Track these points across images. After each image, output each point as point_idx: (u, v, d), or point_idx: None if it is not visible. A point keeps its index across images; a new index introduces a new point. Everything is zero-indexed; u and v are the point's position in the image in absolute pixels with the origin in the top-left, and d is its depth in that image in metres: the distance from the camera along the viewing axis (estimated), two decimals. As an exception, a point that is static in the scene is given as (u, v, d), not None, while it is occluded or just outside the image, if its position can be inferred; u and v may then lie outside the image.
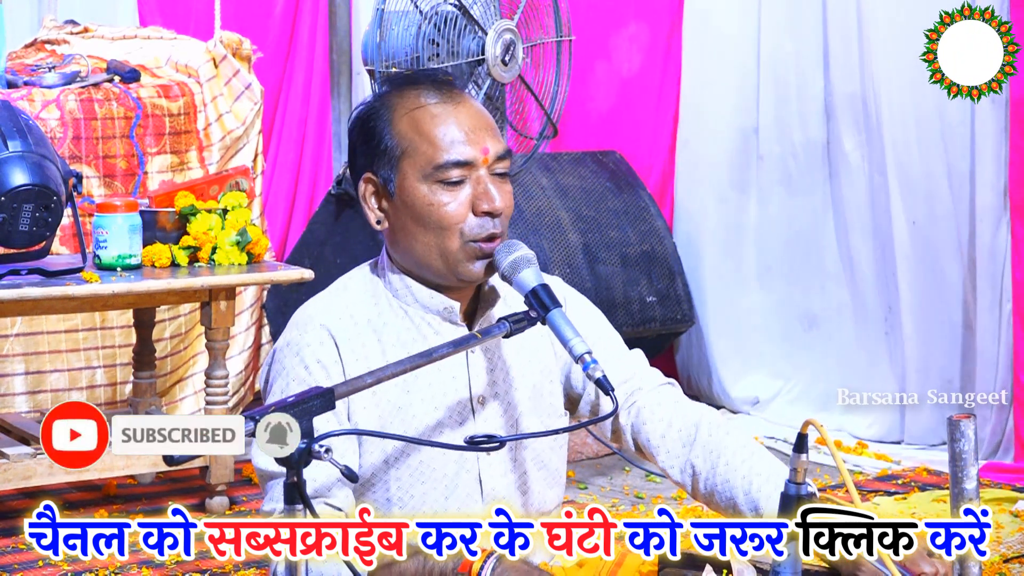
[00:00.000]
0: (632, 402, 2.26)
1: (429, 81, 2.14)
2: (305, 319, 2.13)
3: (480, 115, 2.12)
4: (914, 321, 4.68)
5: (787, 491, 1.74)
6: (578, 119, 5.48)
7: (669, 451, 2.22)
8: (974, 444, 1.63)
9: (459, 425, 2.13)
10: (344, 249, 4.74)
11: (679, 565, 2.03)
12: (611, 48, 5.44)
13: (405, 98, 2.11)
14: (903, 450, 4.66)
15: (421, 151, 2.08)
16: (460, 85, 2.20)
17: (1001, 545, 3.62)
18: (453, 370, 2.13)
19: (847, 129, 4.82)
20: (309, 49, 5.88)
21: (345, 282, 2.21)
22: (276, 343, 2.17)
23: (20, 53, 5.04)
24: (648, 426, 2.23)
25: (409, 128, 2.09)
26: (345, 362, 2.09)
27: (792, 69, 4.96)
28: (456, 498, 2.13)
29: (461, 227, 2.08)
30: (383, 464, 2.10)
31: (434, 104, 2.10)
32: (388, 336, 2.12)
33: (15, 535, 3.80)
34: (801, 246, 5.05)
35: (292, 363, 2.10)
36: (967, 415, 1.64)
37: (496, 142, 2.10)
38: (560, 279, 2.30)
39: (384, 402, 2.09)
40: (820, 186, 4.96)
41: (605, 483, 4.43)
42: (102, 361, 4.56)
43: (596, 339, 2.21)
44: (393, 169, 2.10)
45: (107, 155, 4.54)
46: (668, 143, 5.36)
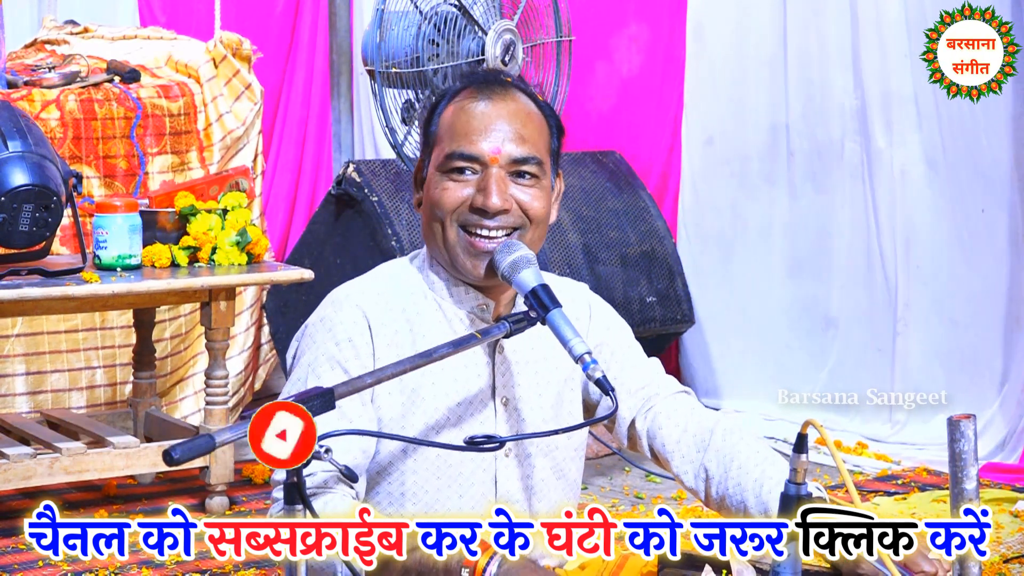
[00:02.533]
0: (649, 407, 2.27)
1: (485, 76, 2.19)
2: (342, 297, 2.15)
3: (513, 115, 2.12)
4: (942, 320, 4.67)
5: (787, 491, 1.74)
6: (579, 119, 5.48)
7: (683, 456, 2.23)
8: (974, 444, 1.63)
9: (480, 424, 2.13)
10: (344, 249, 4.74)
11: (679, 565, 2.03)
12: (612, 48, 5.44)
13: (463, 91, 2.15)
14: (903, 450, 4.66)
15: (444, 140, 2.11)
16: (519, 84, 2.20)
17: (1001, 545, 3.62)
18: (478, 368, 2.14)
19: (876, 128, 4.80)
20: (309, 49, 5.89)
21: (384, 269, 2.23)
22: (308, 319, 2.17)
23: (20, 53, 5.04)
24: (664, 431, 2.24)
25: (447, 118, 2.13)
26: (376, 345, 2.10)
27: (813, 68, 4.95)
28: (471, 497, 2.14)
29: (455, 214, 2.09)
30: (402, 453, 2.11)
31: (475, 100, 2.12)
32: (421, 327, 2.13)
33: (15, 535, 3.80)
34: (809, 245, 5.04)
35: (323, 338, 2.10)
36: (967, 415, 1.64)
37: (517, 145, 2.10)
38: (586, 286, 2.32)
39: (408, 390, 2.10)
40: (831, 185, 4.95)
41: (605, 483, 4.43)
42: (102, 361, 4.56)
43: (619, 346, 2.25)
44: (428, 154, 2.15)
45: (107, 155, 4.54)
46: (669, 143, 5.36)
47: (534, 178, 2.12)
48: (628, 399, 2.25)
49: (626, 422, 2.27)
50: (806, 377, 5.04)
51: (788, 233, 5.09)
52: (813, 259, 5.03)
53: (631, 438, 2.29)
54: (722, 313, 5.25)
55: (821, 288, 5.01)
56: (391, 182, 4.73)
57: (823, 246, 4.98)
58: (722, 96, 5.20)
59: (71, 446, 3.85)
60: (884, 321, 4.83)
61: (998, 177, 4.51)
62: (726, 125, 5.20)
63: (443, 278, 2.16)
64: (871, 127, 4.77)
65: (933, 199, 4.67)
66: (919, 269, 4.69)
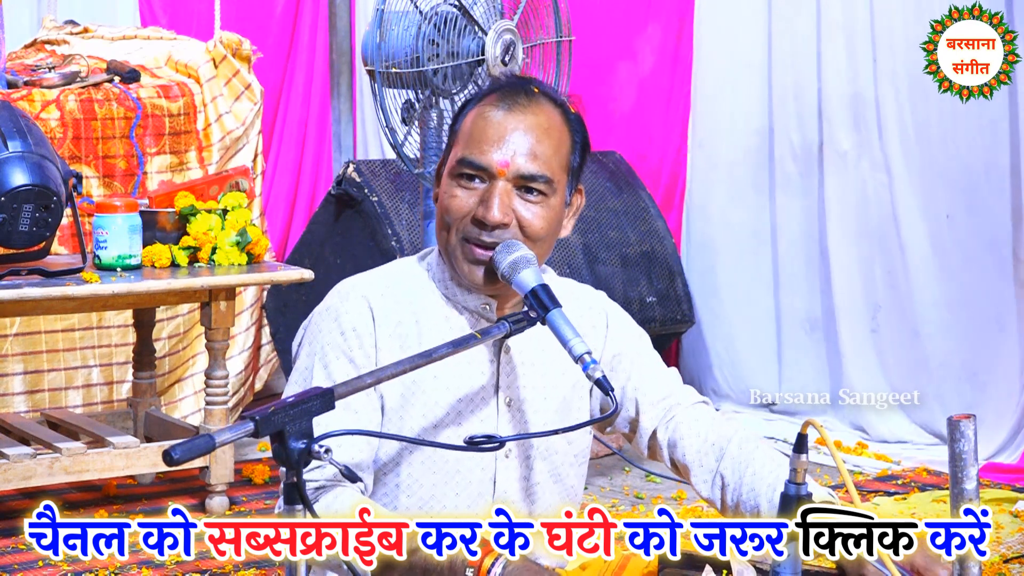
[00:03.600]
0: (671, 417, 2.25)
1: (514, 84, 2.16)
2: (348, 288, 2.16)
3: (532, 130, 2.09)
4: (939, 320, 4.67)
5: (787, 491, 1.74)
6: (587, 120, 5.48)
7: (702, 465, 2.22)
8: (974, 444, 1.63)
9: (480, 422, 2.13)
10: (344, 249, 4.74)
11: (679, 565, 2.03)
12: (622, 49, 5.44)
13: (490, 95, 2.13)
14: (903, 450, 4.66)
15: (460, 144, 2.11)
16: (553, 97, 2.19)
17: (1001, 545, 3.62)
18: (481, 366, 2.14)
19: (846, 129, 4.82)
20: (309, 49, 5.89)
21: (392, 266, 2.24)
22: (314, 309, 2.19)
23: (20, 53, 5.04)
24: (685, 441, 2.23)
25: (468, 122, 2.12)
26: (379, 337, 2.10)
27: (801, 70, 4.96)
28: (468, 495, 2.13)
29: (459, 223, 2.09)
30: (400, 448, 2.11)
31: (495, 106, 2.10)
32: (427, 321, 2.14)
33: (15, 535, 3.80)
34: (810, 248, 5.05)
35: (328, 327, 2.12)
36: (967, 415, 1.64)
37: (529, 161, 2.08)
38: (604, 294, 2.30)
39: (409, 380, 2.10)
40: (826, 187, 4.95)
41: (605, 483, 4.44)
42: (98, 360, 4.56)
43: (638, 356, 2.24)
44: (447, 155, 2.14)
45: (107, 155, 4.54)
46: (678, 144, 5.36)
47: (542, 195, 2.09)
48: (651, 410, 2.23)
49: (647, 432, 2.26)
50: (807, 377, 5.04)
51: (789, 233, 5.09)
52: (813, 258, 5.03)
53: (652, 448, 2.27)
54: (728, 313, 5.25)
55: (820, 287, 5.01)
56: (391, 182, 4.73)
57: (823, 246, 4.98)
58: (722, 96, 5.20)
59: (71, 446, 3.85)
60: (871, 320, 4.83)
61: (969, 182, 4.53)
62: (727, 125, 5.20)
63: (449, 277, 2.16)
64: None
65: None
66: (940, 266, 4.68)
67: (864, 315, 4.85)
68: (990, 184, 4.49)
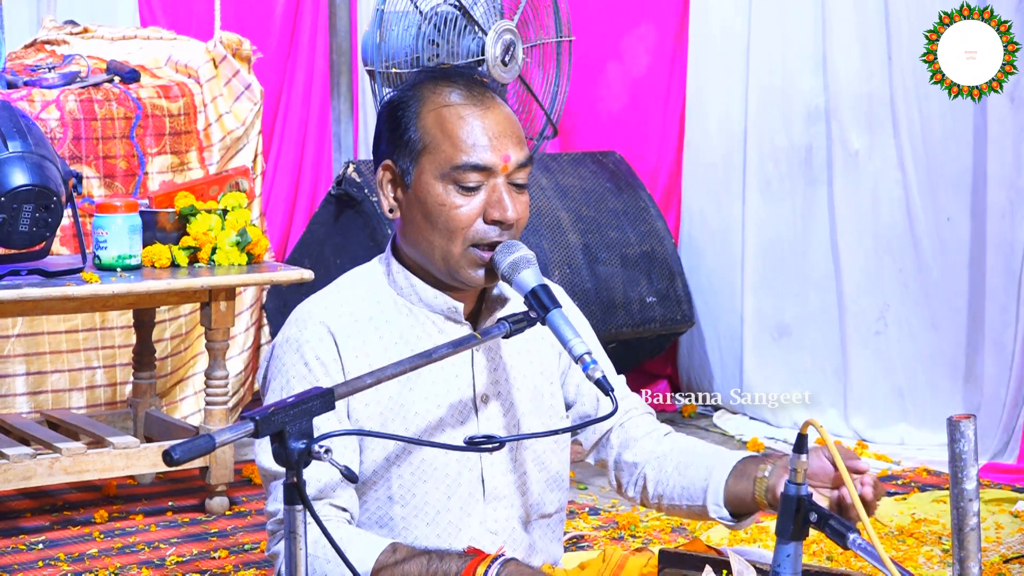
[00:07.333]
0: (625, 420, 2.30)
1: (464, 80, 2.13)
2: (304, 316, 2.13)
3: (507, 121, 2.10)
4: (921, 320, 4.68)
5: (787, 491, 1.74)
6: (584, 120, 5.48)
7: (656, 468, 2.26)
8: (974, 444, 1.63)
9: (461, 424, 2.13)
10: (344, 249, 4.74)
11: (679, 565, 2.04)
12: (617, 49, 5.44)
13: (437, 93, 2.10)
14: (904, 450, 4.66)
15: (442, 149, 2.07)
16: (494, 88, 2.18)
17: (1001, 545, 3.62)
18: (457, 368, 2.13)
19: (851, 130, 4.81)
20: (309, 49, 5.89)
21: (346, 280, 2.21)
22: (275, 339, 2.17)
23: (20, 53, 5.04)
24: (640, 444, 2.28)
25: (434, 124, 2.08)
26: (344, 359, 2.09)
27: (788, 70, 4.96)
28: (458, 497, 2.13)
29: (467, 232, 2.07)
30: (385, 462, 2.10)
31: (463, 104, 2.08)
32: (390, 333, 2.12)
33: (15, 535, 3.80)
34: (804, 247, 5.04)
35: (292, 360, 2.10)
36: (967, 415, 1.64)
37: (518, 151, 2.09)
38: (560, 287, 2.30)
39: (385, 399, 2.09)
40: (823, 187, 4.95)
41: (605, 483, 4.43)
42: (102, 362, 4.56)
43: (597, 355, 2.23)
44: (413, 162, 2.09)
45: (107, 155, 4.55)
46: (675, 144, 5.36)
47: (524, 186, 2.12)
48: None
49: (601, 431, 2.29)
50: (806, 377, 5.04)
51: (789, 234, 5.09)
52: (814, 258, 5.03)
53: (598, 445, 2.31)
54: (725, 314, 5.25)
55: (823, 287, 5.01)
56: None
57: (827, 246, 4.98)
58: (722, 96, 5.20)
59: (71, 446, 3.85)
60: (876, 321, 4.83)
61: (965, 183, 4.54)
62: (727, 125, 5.20)
63: (411, 283, 2.14)
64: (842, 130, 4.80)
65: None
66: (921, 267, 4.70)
67: (870, 315, 4.85)
68: (990, 184, 4.49)
